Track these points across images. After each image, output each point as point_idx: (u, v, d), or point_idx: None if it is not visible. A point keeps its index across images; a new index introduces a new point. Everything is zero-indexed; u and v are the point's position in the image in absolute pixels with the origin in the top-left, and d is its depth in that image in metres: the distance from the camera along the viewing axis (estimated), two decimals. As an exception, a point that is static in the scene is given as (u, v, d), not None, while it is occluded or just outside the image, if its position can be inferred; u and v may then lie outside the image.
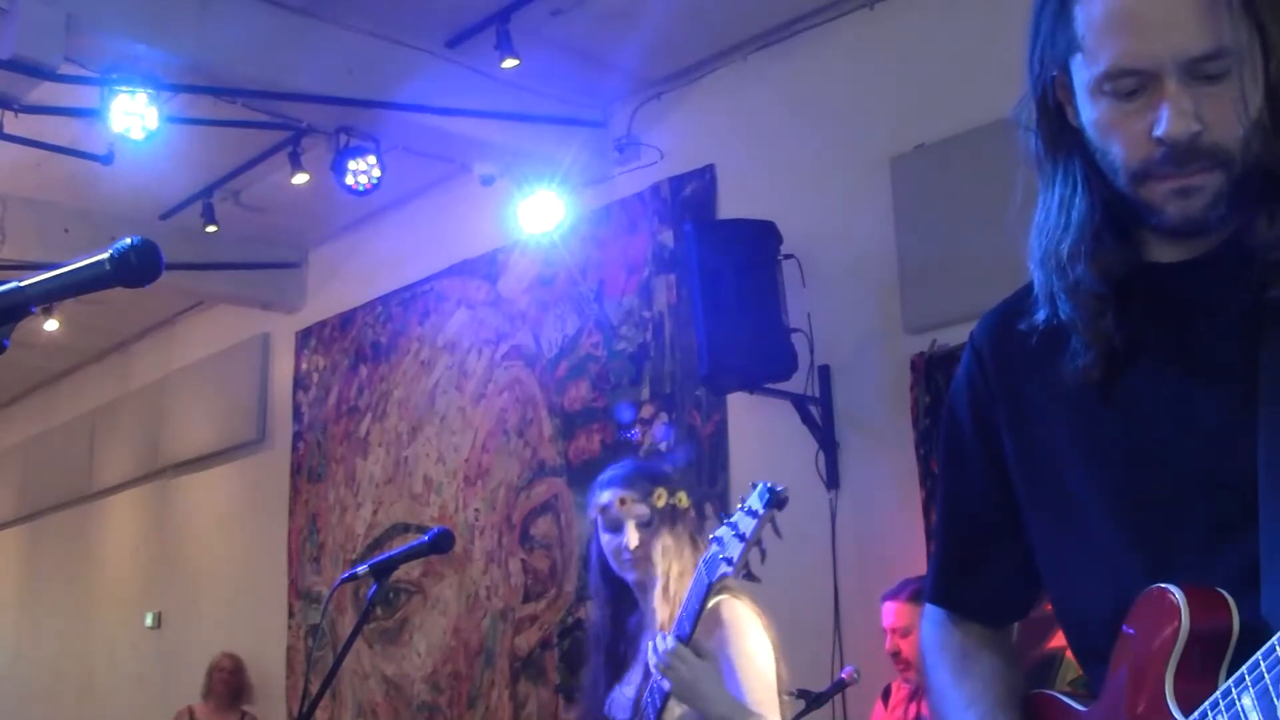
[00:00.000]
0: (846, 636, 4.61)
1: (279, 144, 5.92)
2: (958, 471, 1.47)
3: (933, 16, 4.79)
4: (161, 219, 6.83)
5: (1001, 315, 1.43)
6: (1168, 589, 1.15)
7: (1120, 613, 1.21)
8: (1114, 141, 1.21)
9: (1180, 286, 1.24)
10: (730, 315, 4.54)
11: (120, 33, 4.74)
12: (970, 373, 1.44)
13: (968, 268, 4.51)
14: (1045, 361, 1.32)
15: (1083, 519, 1.29)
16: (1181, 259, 1.25)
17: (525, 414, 6.09)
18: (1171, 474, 1.21)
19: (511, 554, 6.04)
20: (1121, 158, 1.21)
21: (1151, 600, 1.17)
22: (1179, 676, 1.13)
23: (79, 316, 7.97)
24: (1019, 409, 1.37)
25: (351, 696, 6.81)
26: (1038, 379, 1.34)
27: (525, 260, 6.16)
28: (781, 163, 5.20)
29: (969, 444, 1.43)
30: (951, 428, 1.47)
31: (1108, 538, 1.27)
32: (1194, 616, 1.12)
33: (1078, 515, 1.30)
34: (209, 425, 8.16)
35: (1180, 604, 1.13)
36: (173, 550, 8.43)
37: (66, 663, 9.42)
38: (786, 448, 4.89)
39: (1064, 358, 1.28)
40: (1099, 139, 1.23)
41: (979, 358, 1.43)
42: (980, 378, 1.42)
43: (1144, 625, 1.17)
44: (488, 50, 5.07)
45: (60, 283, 1.17)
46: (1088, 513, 1.29)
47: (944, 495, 1.51)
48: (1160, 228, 1.23)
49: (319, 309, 7.55)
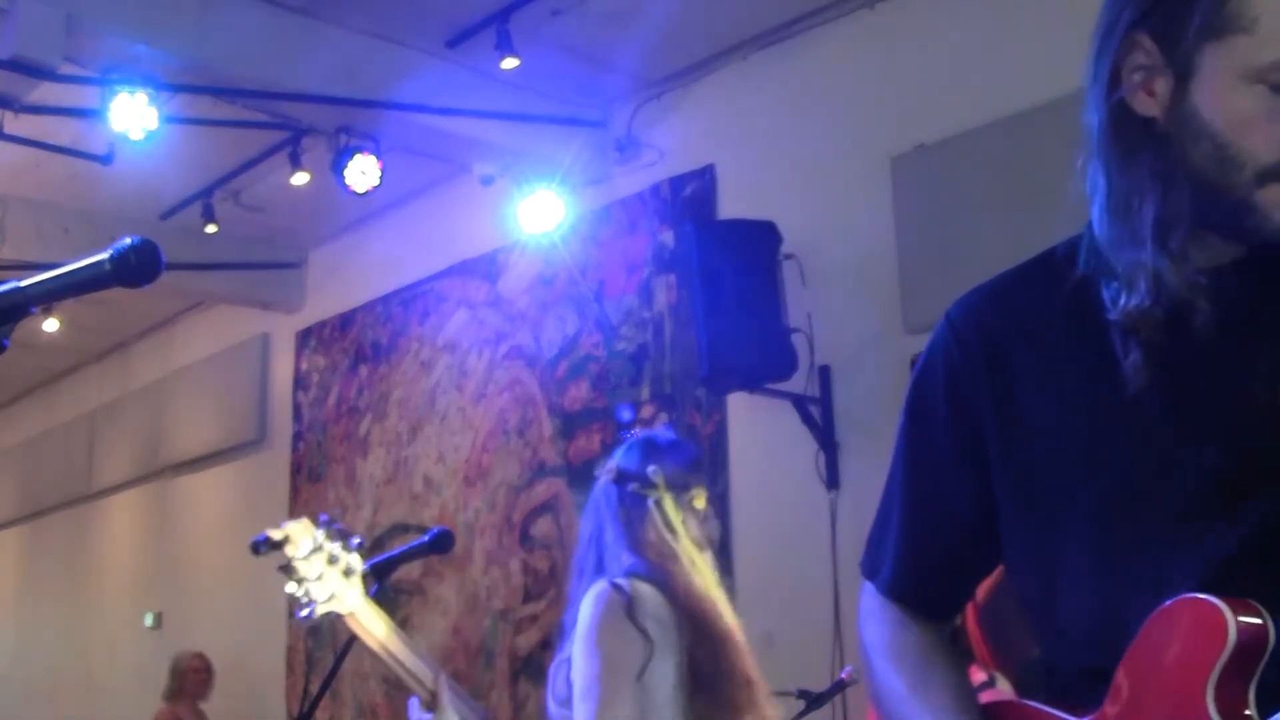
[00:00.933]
0: (846, 636, 4.61)
1: (279, 144, 5.92)
2: (926, 461, 1.37)
3: (933, 16, 4.79)
4: (161, 219, 6.83)
5: (989, 297, 1.34)
6: (1207, 599, 1.11)
7: (1128, 621, 1.16)
8: (1253, 134, 1.14)
9: (1241, 284, 1.19)
10: (730, 315, 4.54)
11: (120, 33, 4.74)
12: (949, 356, 1.33)
13: (968, 268, 4.49)
14: (1061, 350, 1.25)
15: (1095, 517, 1.22)
16: (1232, 259, 1.20)
17: (525, 414, 6.09)
18: (1213, 481, 1.16)
19: (511, 554, 6.04)
20: (1257, 153, 1.14)
21: (1184, 610, 1.13)
22: (1219, 689, 1.10)
23: (79, 316, 7.98)
24: (1009, 396, 1.28)
25: (351, 696, 6.81)
26: (1042, 365, 1.26)
27: (525, 260, 6.15)
28: (781, 163, 5.20)
29: (941, 432, 1.34)
30: (919, 414, 1.37)
31: (1126, 539, 1.20)
32: (1239, 630, 1.09)
33: (1085, 514, 1.23)
34: (209, 425, 8.16)
35: (1227, 616, 1.09)
36: (173, 550, 8.43)
37: (66, 662, 9.42)
38: (786, 448, 4.89)
39: (1091, 346, 1.22)
40: (1231, 129, 1.15)
41: (960, 340, 1.32)
42: (962, 361, 1.32)
43: (1174, 635, 1.13)
44: (488, 50, 5.07)
45: (60, 283, 1.17)
46: (1104, 512, 1.22)
47: (907, 484, 1.39)
48: (1247, 231, 1.17)
49: (319, 309, 7.56)
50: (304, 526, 2.31)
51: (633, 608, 2.42)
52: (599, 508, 2.66)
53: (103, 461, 9.18)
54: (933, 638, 1.38)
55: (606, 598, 2.44)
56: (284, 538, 2.28)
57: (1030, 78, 4.45)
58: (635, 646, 2.40)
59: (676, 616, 2.47)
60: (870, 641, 1.41)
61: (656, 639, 2.42)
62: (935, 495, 1.37)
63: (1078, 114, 1.27)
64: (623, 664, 2.39)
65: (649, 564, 2.54)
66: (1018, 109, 4.46)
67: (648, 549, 2.56)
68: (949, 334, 1.35)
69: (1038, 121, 4.41)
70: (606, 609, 2.42)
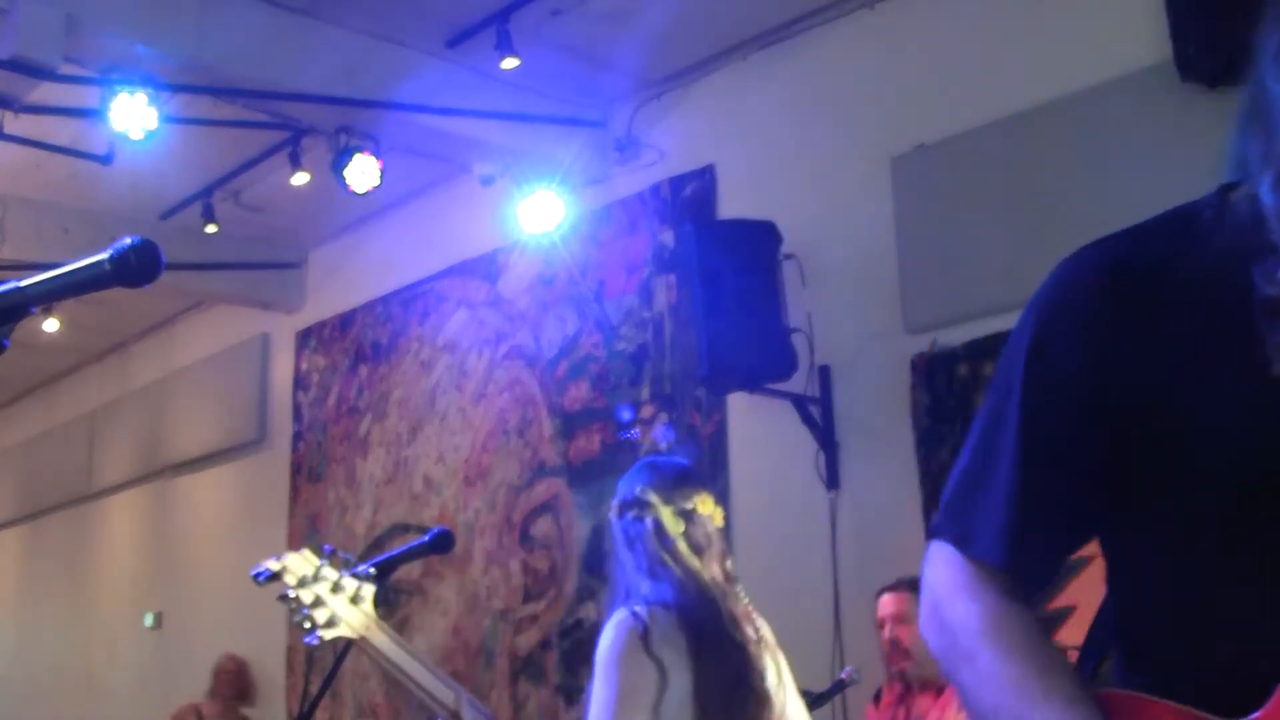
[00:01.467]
0: (846, 636, 4.61)
1: (279, 144, 5.92)
2: (1054, 405, 1.20)
3: (933, 16, 4.79)
4: (161, 219, 6.84)
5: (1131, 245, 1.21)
6: None
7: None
8: None
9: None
10: (730, 315, 4.54)
11: (120, 33, 4.74)
12: (1087, 297, 1.19)
13: (968, 268, 4.51)
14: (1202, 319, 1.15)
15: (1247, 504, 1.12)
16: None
17: (525, 414, 6.09)
18: None
19: (511, 554, 6.04)
20: None
21: None
22: None
23: (79, 316, 7.98)
24: (1149, 355, 1.16)
25: (351, 696, 6.80)
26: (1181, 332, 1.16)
27: (525, 260, 6.15)
28: (781, 163, 5.20)
29: (1074, 375, 1.18)
30: (1044, 355, 1.21)
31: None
32: None
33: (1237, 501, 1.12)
34: (209, 425, 8.16)
35: None
36: (173, 550, 8.43)
37: (66, 663, 9.42)
38: (786, 448, 4.89)
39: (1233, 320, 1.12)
40: None
41: (1101, 284, 1.19)
42: (1101, 306, 1.17)
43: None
44: (488, 50, 5.08)
45: (60, 283, 1.17)
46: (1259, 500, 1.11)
47: (1026, 432, 1.21)
48: None
49: (319, 309, 7.55)
50: (303, 557, 2.36)
51: (649, 636, 2.45)
52: (615, 544, 2.71)
53: (102, 461, 9.18)
54: (1033, 616, 1.21)
55: (626, 626, 2.47)
56: (281, 568, 2.33)
57: (1030, 78, 4.45)
58: (650, 676, 2.43)
59: (686, 640, 2.48)
60: (961, 620, 1.21)
61: (670, 665, 2.44)
62: (1064, 445, 1.20)
63: (1078, 114, 1.26)
64: (638, 693, 2.42)
65: (660, 586, 2.56)
66: (1018, 109, 4.46)
67: (658, 570, 2.58)
68: (1087, 274, 1.21)
69: (1038, 121, 4.42)
70: (626, 637, 2.45)
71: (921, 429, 4.54)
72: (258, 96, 5.22)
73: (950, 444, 4.46)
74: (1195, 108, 3.96)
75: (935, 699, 3.70)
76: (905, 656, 3.76)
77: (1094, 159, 4.23)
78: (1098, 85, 4.23)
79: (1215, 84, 3.89)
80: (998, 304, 4.41)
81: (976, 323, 4.44)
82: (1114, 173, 4.16)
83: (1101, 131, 4.21)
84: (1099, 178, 4.20)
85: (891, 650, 3.80)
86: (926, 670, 3.74)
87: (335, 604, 2.32)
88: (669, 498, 2.65)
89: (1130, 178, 4.12)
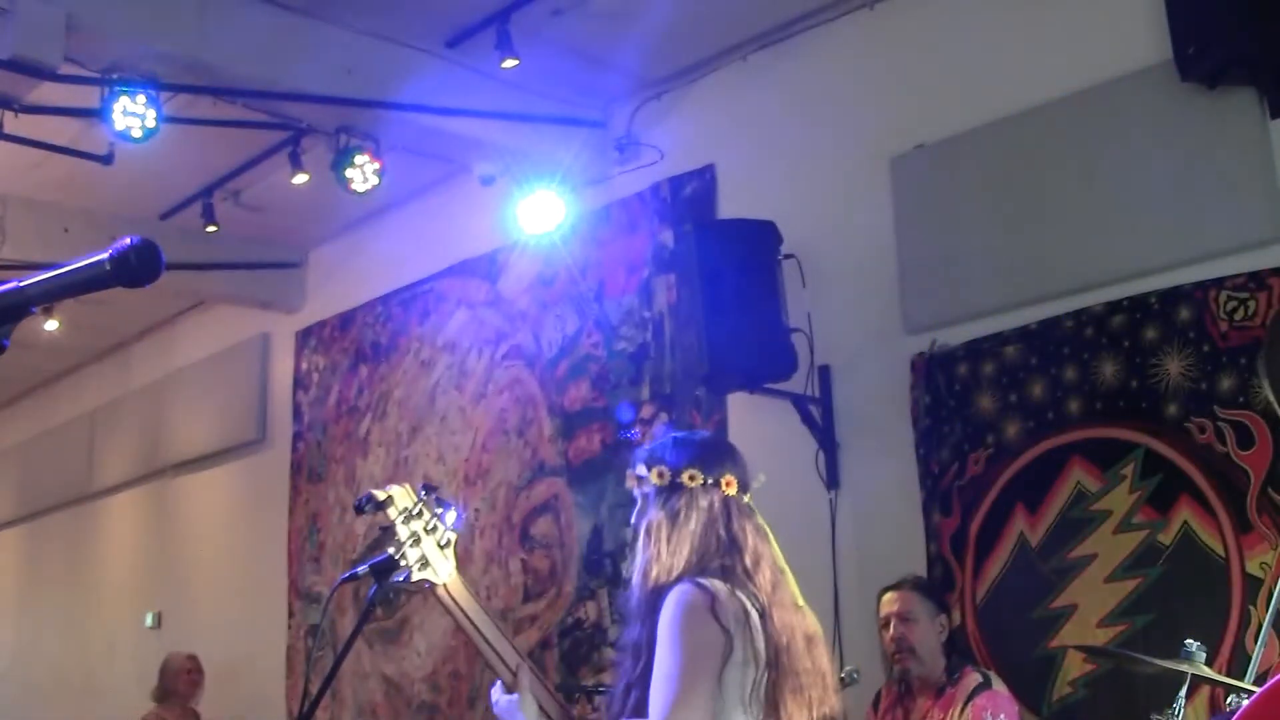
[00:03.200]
0: (846, 636, 4.61)
1: (279, 144, 5.92)
2: None
3: (933, 16, 4.80)
4: (161, 219, 6.84)
5: None
6: None
7: None
8: None
9: None
10: (730, 315, 4.54)
11: (120, 32, 4.73)
12: None
13: (968, 268, 4.51)
14: None
15: None
16: None
17: (525, 414, 6.10)
18: None
19: (511, 554, 6.04)
20: None
21: None
22: None
23: (79, 316, 7.98)
24: None
25: (351, 696, 6.81)
26: None
27: (525, 260, 6.16)
28: (781, 163, 5.20)
29: None
30: None
31: None
32: None
33: None
34: (209, 425, 8.16)
35: None
36: (173, 550, 8.43)
37: (66, 663, 9.42)
38: (786, 448, 4.89)
39: None
40: None
41: None
42: None
43: None
44: (488, 50, 5.08)
45: (60, 283, 1.17)
46: None
47: None
48: None
49: (319, 309, 7.56)
50: (406, 491, 2.30)
51: (716, 605, 2.40)
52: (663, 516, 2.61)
53: (103, 461, 9.18)
54: None
55: (690, 594, 2.41)
56: (387, 498, 2.27)
57: (1030, 78, 4.45)
58: (717, 643, 2.37)
59: (753, 619, 2.45)
60: None
61: (735, 633, 2.39)
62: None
63: (1077, 114, 1.26)
64: (704, 657, 2.35)
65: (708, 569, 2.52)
66: (1018, 109, 4.47)
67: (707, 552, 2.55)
68: None
69: (1038, 121, 4.42)
70: (690, 604, 2.39)
71: (921, 429, 4.55)
72: (258, 96, 5.22)
73: (950, 444, 4.47)
74: (1195, 108, 3.96)
75: (935, 700, 3.70)
76: (910, 655, 3.76)
77: (1094, 159, 4.23)
78: (1098, 85, 4.24)
79: (1215, 84, 3.89)
80: (998, 304, 4.41)
81: (976, 323, 4.44)
82: (1114, 172, 4.16)
83: (1101, 131, 4.21)
84: (1098, 178, 4.20)
85: (896, 648, 3.80)
86: (929, 669, 3.74)
87: (427, 546, 2.28)
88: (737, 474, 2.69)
89: (1130, 177, 4.12)
